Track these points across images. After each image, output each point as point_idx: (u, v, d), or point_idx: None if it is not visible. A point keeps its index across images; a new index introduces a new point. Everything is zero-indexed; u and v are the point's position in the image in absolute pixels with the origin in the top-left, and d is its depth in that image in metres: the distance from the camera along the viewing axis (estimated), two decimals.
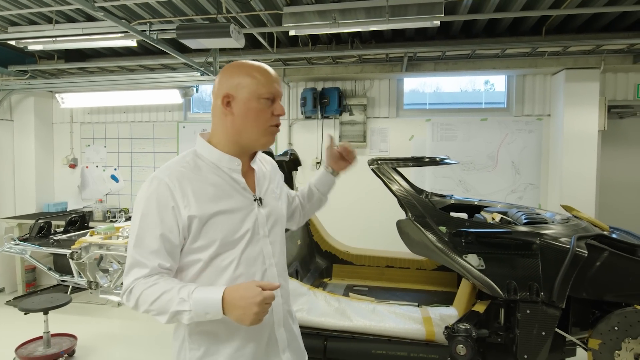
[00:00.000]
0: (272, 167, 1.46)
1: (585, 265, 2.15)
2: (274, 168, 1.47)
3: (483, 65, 4.17)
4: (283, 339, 1.28)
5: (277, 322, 1.27)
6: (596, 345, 2.18)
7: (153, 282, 1.11)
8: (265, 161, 1.44)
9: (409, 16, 3.00)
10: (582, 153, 4.00)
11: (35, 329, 3.38)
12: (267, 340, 1.25)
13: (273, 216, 1.32)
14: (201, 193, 1.17)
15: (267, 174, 1.39)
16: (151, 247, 1.12)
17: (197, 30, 3.09)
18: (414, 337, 2.41)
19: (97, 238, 2.99)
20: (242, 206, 1.23)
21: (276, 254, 1.30)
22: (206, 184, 1.19)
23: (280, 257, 1.33)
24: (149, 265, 1.12)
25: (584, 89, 3.98)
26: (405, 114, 4.72)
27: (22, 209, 5.19)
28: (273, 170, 1.46)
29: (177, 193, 1.14)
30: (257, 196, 1.28)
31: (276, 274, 1.28)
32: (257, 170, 1.34)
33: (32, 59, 4.79)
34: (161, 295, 1.09)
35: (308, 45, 4.20)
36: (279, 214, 1.35)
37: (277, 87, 1.25)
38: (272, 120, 1.24)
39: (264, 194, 1.32)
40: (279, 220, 1.34)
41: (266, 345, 1.24)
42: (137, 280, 1.12)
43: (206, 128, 5.05)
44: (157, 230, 1.12)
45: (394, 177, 2.62)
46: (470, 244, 2.31)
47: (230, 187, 1.23)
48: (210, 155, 1.24)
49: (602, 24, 3.65)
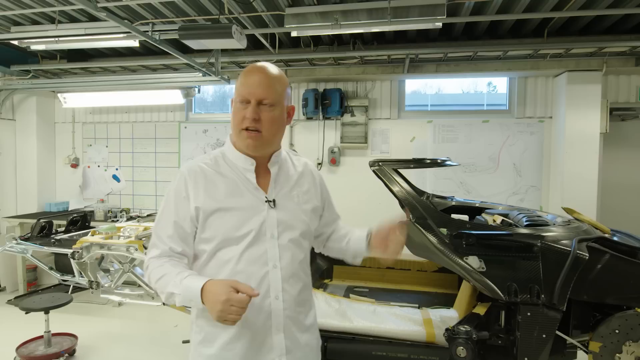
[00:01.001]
0: (305, 171, 1.40)
1: (586, 267, 2.15)
2: (309, 174, 1.41)
3: (485, 67, 4.17)
4: (281, 345, 1.24)
5: (276, 327, 1.24)
6: (597, 348, 2.17)
7: (161, 263, 1.23)
8: (298, 164, 1.40)
9: (411, 17, 3.00)
10: (583, 155, 3.99)
11: (36, 329, 3.38)
12: (261, 342, 1.24)
13: (287, 220, 1.28)
14: (211, 188, 1.25)
15: (292, 177, 1.35)
16: (166, 232, 1.25)
17: (199, 31, 3.10)
18: (415, 338, 2.40)
19: (98, 238, 2.99)
20: (251, 205, 1.26)
21: (284, 257, 1.26)
22: (219, 181, 1.27)
23: (290, 263, 1.27)
24: (161, 247, 1.25)
25: (586, 91, 3.98)
26: (407, 115, 4.72)
27: (24, 208, 5.20)
28: (305, 175, 1.39)
29: (190, 185, 1.25)
30: (269, 197, 1.27)
31: (280, 278, 1.25)
32: (275, 172, 1.31)
33: (35, 58, 4.81)
34: (163, 276, 1.21)
35: (310, 46, 4.21)
36: (295, 220, 1.30)
37: (252, 89, 1.20)
38: (242, 124, 1.23)
39: (280, 197, 1.29)
40: (294, 225, 1.29)
41: (259, 347, 1.24)
42: (151, 259, 1.26)
43: (207, 129, 5.07)
44: (172, 217, 1.25)
45: (395, 179, 2.62)
46: (471, 246, 2.31)
47: (243, 186, 1.27)
48: (231, 155, 1.32)
49: (604, 26, 3.64)
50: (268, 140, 1.26)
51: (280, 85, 1.26)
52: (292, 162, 1.40)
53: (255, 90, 1.21)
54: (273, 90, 1.22)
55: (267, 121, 1.22)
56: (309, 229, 1.35)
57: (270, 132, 1.24)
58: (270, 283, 1.24)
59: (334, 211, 1.51)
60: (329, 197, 1.48)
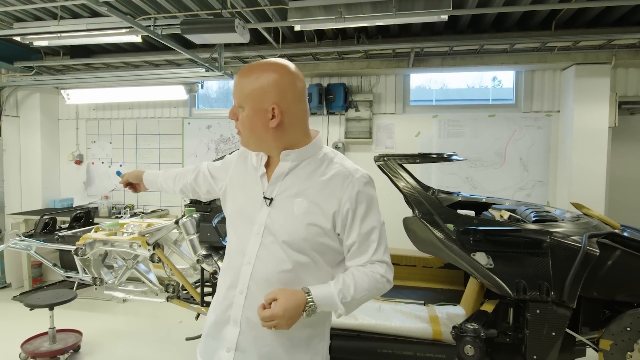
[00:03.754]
0: (332, 184, 1.21)
1: (596, 264, 2.11)
2: (335, 188, 1.20)
3: (491, 61, 4.11)
4: (232, 339, 1.22)
5: (234, 320, 1.22)
6: (607, 346, 2.14)
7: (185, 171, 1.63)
8: (329, 173, 1.22)
9: (416, 10, 2.96)
10: (592, 150, 3.93)
11: (41, 325, 3.38)
12: (219, 329, 1.27)
13: (274, 223, 1.20)
14: (240, 168, 1.38)
15: (308, 182, 1.22)
16: (215, 164, 1.52)
17: (202, 26, 3.07)
18: (421, 336, 2.38)
19: (102, 234, 2.98)
20: (252, 194, 1.28)
21: (262, 258, 1.20)
22: (246, 165, 1.37)
23: (266, 266, 1.20)
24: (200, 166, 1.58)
25: (595, 84, 3.91)
26: (412, 110, 4.67)
27: (28, 205, 5.20)
28: (327, 188, 1.20)
29: (234, 159, 1.44)
30: (267, 195, 1.24)
31: (249, 275, 1.21)
32: (283, 170, 1.24)
33: (38, 55, 4.80)
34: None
35: (314, 40, 4.16)
36: (282, 226, 1.20)
37: (235, 90, 1.21)
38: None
39: (281, 197, 1.23)
40: (278, 231, 1.19)
41: (217, 332, 1.27)
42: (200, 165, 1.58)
43: (211, 124, 5.05)
44: (219, 164, 1.50)
45: (401, 174, 2.58)
46: (478, 242, 2.27)
47: (255, 175, 1.31)
48: None
49: (613, 18, 3.57)
50: (246, 139, 1.25)
51: (250, 85, 1.17)
52: (324, 168, 1.24)
53: (233, 93, 1.23)
54: (239, 91, 1.20)
55: (240, 122, 1.23)
56: (298, 242, 1.18)
57: (245, 132, 1.24)
58: (240, 276, 1.23)
59: (355, 244, 1.21)
60: (355, 224, 1.19)
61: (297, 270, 1.19)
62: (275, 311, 1.09)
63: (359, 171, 1.24)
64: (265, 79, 1.17)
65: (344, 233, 1.21)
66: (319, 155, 1.27)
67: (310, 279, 1.20)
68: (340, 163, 1.26)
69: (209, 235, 2.77)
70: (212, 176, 1.49)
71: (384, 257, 1.23)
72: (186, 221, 2.77)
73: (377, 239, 1.22)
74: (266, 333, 1.18)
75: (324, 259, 1.23)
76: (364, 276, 1.19)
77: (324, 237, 1.20)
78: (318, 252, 1.21)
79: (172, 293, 3.00)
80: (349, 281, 1.18)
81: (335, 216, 1.19)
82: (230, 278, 1.26)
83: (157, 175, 1.72)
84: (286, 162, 1.24)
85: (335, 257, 1.25)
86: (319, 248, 1.21)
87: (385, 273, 1.23)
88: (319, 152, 1.27)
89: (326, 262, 1.24)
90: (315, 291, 1.15)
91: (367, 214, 1.20)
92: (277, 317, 1.09)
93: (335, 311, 1.19)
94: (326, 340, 1.32)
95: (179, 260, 3.03)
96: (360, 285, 1.18)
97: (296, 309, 1.11)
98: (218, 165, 1.49)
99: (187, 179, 1.58)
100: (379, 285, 1.22)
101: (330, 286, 1.17)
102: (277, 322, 1.10)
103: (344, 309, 1.17)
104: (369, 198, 1.22)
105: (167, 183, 1.68)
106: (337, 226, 1.20)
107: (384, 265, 1.23)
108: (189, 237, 2.78)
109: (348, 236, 1.21)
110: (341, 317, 1.22)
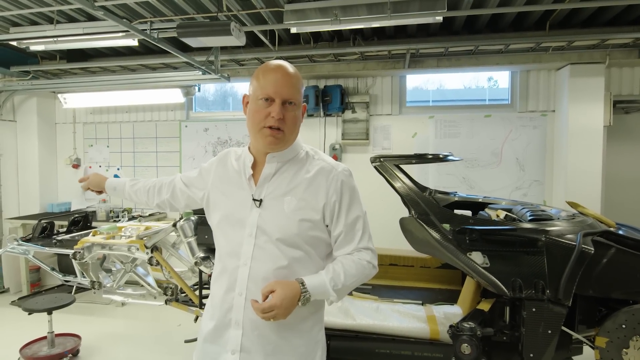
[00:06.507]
0: (317, 179, 1.28)
1: (591, 262, 2.12)
2: (321, 183, 1.27)
3: (486, 61, 4.13)
4: (236, 342, 1.25)
5: (235, 322, 1.25)
6: (603, 343, 2.15)
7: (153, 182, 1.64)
8: (312, 169, 1.29)
9: (411, 12, 2.97)
10: (587, 149, 3.95)
11: (39, 329, 3.38)
12: (220, 333, 1.28)
13: (266, 223, 1.25)
14: (221, 174, 1.40)
15: (295, 181, 1.28)
16: (190, 175, 1.52)
17: (198, 29, 3.08)
18: (418, 335, 2.39)
19: (100, 238, 2.98)
20: (239, 198, 1.30)
21: (258, 258, 1.24)
22: (226, 171, 1.39)
23: (263, 265, 1.24)
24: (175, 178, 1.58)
25: (589, 84, 3.94)
26: (408, 111, 4.69)
27: (26, 209, 5.20)
28: (313, 184, 1.27)
29: (212, 167, 1.45)
30: (256, 196, 1.28)
31: (247, 276, 1.24)
32: (270, 172, 1.29)
33: (34, 59, 4.80)
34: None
35: (310, 42, 4.18)
36: (274, 224, 1.24)
37: (278, 88, 1.21)
38: (265, 122, 1.23)
39: (270, 198, 1.27)
40: (272, 230, 1.24)
41: (218, 337, 1.28)
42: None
43: (208, 127, 5.05)
44: (194, 173, 1.51)
45: (397, 175, 2.60)
46: (474, 242, 2.29)
47: (239, 180, 1.33)
48: (243, 151, 1.39)
49: (606, 18, 3.60)
50: (288, 139, 1.28)
51: (301, 86, 1.29)
52: (307, 166, 1.31)
53: (281, 90, 1.22)
54: (296, 90, 1.25)
55: (289, 120, 1.25)
56: (291, 238, 1.24)
57: (291, 132, 1.27)
58: (237, 278, 1.25)
59: (342, 234, 1.29)
60: (342, 215, 1.28)
61: (292, 266, 1.25)
62: (274, 301, 1.15)
63: (340, 165, 1.33)
64: (302, 80, 1.30)
65: (332, 224, 1.29)
66: (300, 154, 1.34)
67: (304, 272, 1.26)
68: (321, 159, 1.34)
69: (207, 237, 2.78)
70: (189, 186, 1.50)
71: (368, 244, 1.32)
72: (184, 224, 2.78)
73: (362, 228, 1.30)
74: (269, 331, 1.24)
75: (316, 252, 1.30)
76: (352, 263, 1.27)
77: (315, 231, 1.27)
78: (311, 246, 1.28)
79: (170, 296, 3.00)
80: (339, 269, 1.25)
81: (324, 208, 1.27)
82: (227, 282, 1.28)
83: (123, 184, 1.72)
84: (272, 163, 1.30)
85: (326, 249, 1.33)
86: (311, 241, 1.28)
87: (371, 259, 1.31)
88: (301, 152, 1.35)
89: (318, 255, 1.31)
90: (309, 281, 1.21)
91: (351, 204, 1.30)
92: (275, 307, 1.15)
93: (327, 299, 1.25)
94: (322, 326, 1.39)
95: (177, 263, 3.03)
96: (349, 272, 1.26)
97: (292, 298, 1.17)
98: (194, 175, 1.50)
99: (162, 196, 1.59)
100: (366, 271, 1.30)
101: (322, 275, 1.24)
102: (276, 313, 1.15)
103: (335, 296, 1.24)
104: (352, 188, 1.31)
105: (138, 195, 1.67)
106: (326, 217, 1.28)
107: (369, 252, 1.31)
108: (187, 239, 2.79)
109: (335, 226, 1.29)
110: (332, 303, 1.28)
